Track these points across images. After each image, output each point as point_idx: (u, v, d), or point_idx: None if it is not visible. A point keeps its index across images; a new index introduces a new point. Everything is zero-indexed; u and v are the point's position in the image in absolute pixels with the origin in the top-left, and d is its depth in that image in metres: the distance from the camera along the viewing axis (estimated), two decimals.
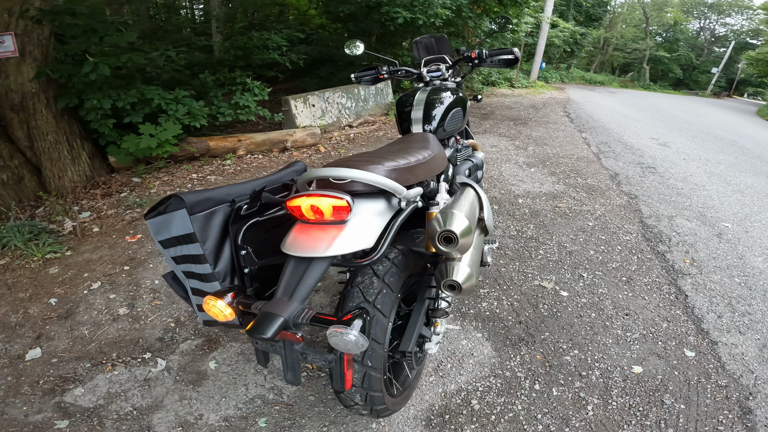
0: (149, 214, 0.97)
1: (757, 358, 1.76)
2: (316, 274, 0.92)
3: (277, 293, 0.91)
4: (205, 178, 3.72)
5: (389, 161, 1.05)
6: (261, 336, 0.81)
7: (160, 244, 0.99)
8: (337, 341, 0.84)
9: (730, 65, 25.60)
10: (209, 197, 0.97)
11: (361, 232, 0.95)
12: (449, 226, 0.96)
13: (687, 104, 14.35)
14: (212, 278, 0.99)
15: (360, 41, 2.10)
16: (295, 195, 0.94)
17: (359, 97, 5.74)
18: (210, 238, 0.98)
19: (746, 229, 3.10)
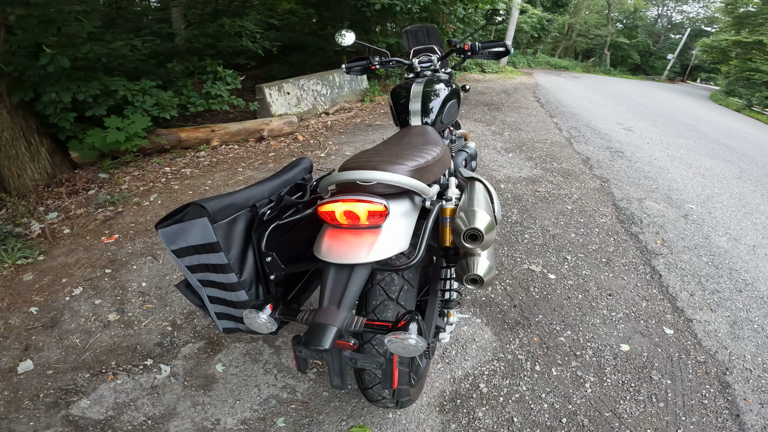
0: (162, 223, 0.93)
1: (729, 335, 1.93)
2: (360, 280, 0.93)
3: (322, 302, 0.91)
4: (179, 171, 3.57)
5: (410, 160, 1.06)
6: (318, 347, 0.81)
7: (174, 253, 0.96)
8: (397, 347, 0.86)
9: (684, 51, 27.13)
10: (230, 203, 0.95)
11: (397, 235, 0.97)
12: (474, 224, 0.99)
13: (645, 89, 15.13)
14: (238, 287, 0.98)
15: (350, 31, 2.07)
16: (328, 200, 0.93)
17: (334, 84, 5.64)
18: (234, 247, 0.96)
19: (709, 211, 3.36)
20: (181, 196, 3.08)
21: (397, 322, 0.88)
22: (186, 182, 3.36)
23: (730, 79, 17.45)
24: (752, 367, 1.73)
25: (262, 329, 0.92)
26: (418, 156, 1.11)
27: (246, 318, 0.92)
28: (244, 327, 1.08)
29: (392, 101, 1.87)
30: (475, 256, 1.09)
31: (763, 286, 2.33)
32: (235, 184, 3.37)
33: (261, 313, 0.91)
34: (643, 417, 1.46)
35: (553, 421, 1.42)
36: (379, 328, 0.90)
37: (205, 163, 3.82)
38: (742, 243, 2.84)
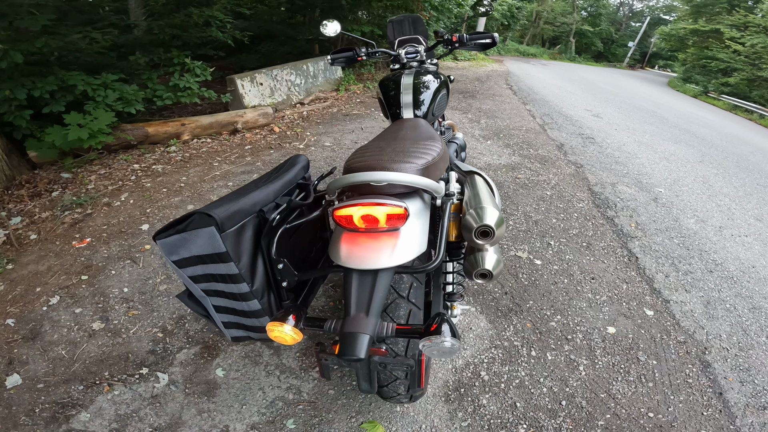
0: (162, 234, 0.88)
1: (705, 315, 2.07)
2: (385, 285, 0.92)
3: (349, 309, 0.90)
4: (150, 168, 3.40)
5: (417, 158, 1.06)
6: (354, 357, 0.81)
7: (175, 263, 0.91)
8: (432, 351, 0.87)
9: (644, 39, 28.34)
10: (238, 210, 0.91)
11: (415, 236, 0.96)
12: (485, 221, 1.01)
13: (608, 76, 15.73)
14: (250, 297, 0.95)
15: (334, 20, 2.02)
16: (345, 203, 0.91)
17: (308, 74, 5.51)
18: (244, 255, 0.92)
19: (677, 194, 3.57)
20: (154, 194, 2.94)
21: (429, 325, 0.89)
22: (159, 179, 3.21)
23: (687, 66, 18.42)
24: (728, 346, 1.87)
25: (287, 342, 0.91)
26: (424, 153, 1.11)
27: (269, 331, 0.90)
28: (256, 335, 1.06)
29: (382, 93, 1.86)
30: (483, 252, 1.11)
31: (731, 266, 2.52)
32: (212, 179, 3.25)
33: (286, 325, 0.89)
34: (636, 397, 1.55)
35: (553, 404, 1.49)
36: (412, 332, 0.90)
37: (177, 159, 3.66)
38: (709, 224, 3.05)
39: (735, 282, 2.35)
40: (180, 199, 2.90)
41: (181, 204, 2.83)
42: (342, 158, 3.75)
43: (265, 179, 1.16)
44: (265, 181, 1.13)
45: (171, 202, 2.86)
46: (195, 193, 2.99)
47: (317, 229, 1.39)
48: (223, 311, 1.01)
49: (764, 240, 2.92)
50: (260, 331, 1.04)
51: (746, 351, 1.83)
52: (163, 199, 2.88)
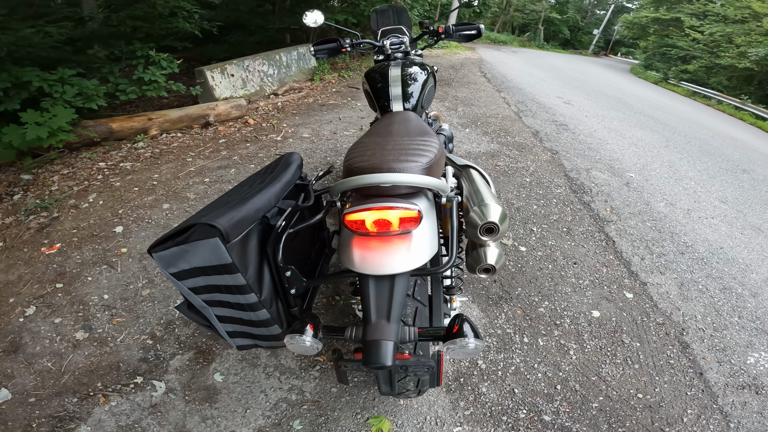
0: (158, 247, 0.82)
1: (680, 296, 2.20)
2: (403, 289, 0.92)
3: (368, 316, 0.89)
4: (117, 166, 3.23)
5: (419, 156, 1.05)
6: (381, 366, 0.80)
7: (173, 276, 0.86)
8: (456, 353, 0.88)
9: (608, 27, 29.28)
10: (241, 218, 0.87)
11: (427, 237, 0.95)
12: (490, 218, 1.02)
13: (575, 63, 16.17)
14: (259, 307, 0.92)
15: (314, 10, 1.96)
16: (357, 208, 0.89)
17: (281, 64, 5.36)
18: (251, 265, 0.89)
19: (646, 178, 3.75)
20: (125, 193, 2.80)
21: (451, 327, 0.90)
22: (128, 178, 3.06)
23: (648, 53, 19.22)
24: (704, 327, 1.99)
25: (307, 352, 0.89)
26: (424, 150, 1.10)
27: (288, 343, 0.88)
28: (264, 344, 1.04)
29: (369, 85, 1.83)
30: (485, 247, 1.13)
31: (701, 247, 2.68)
32: (187, 175, 3.13)
33: (305, 336, 0.87)
34: (624, 379, 1.64)
35: (549, 389, 1.56)
36: (434, 336, 0.91)
37: (146, 155, 3.49)
38: (678, 207, 3.23)
39: (705, 263, 2.51)
40: (154, 198, 2.78)
41: (156, 203, 2.71)
42: (322, 149, 3.69)
43: (260, 181, 1.11)
44: (260, 183, 1.08)
45: (144, 201, 2.74)
46: (170, 191, 2.88)
47: (315, 229, 1.37)
48: (228, 321, 0.97)
49: (729, 221, 3.13)
50: (269, 340, 1.02)
51: (721, 331, 1.96)
52: (135, 199, 2.75)
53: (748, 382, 1.68)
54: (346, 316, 1.81)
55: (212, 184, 3.02)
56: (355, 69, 6.74)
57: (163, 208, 2.67)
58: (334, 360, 0.97)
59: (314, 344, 0.89)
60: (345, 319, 1.80)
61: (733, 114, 10.60)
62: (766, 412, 1.54)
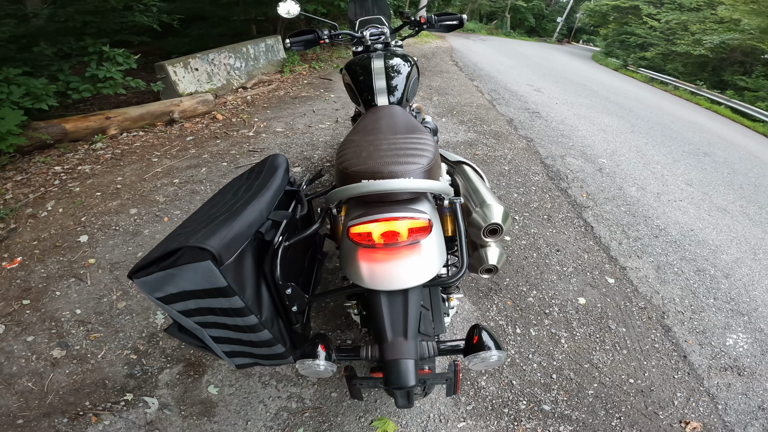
0: (140, 272, 0.73)
1: (657, 279, 2.29)
2: (417, 303, 0.88)
3: (383, 334, 0.85)
4: (75, 169, 3.01)
5: (418, 156, 1.00)
6: (405, 386, 0.77)
7: (160, 300, 0.78)
8: (479, 365, 0.86)
9: (571, 15, 30.05)
10: (234, 237, 0.79)
11: (436, 245, 0.91)
12: (494, 219, 1.00)
13: (541, 51, 16.53)
14: (260, 328, 0.86)
15: (293, 0, 1.86)
16: (363, 220, 0.84)
17: (249, 56, 5.15)
18: (248, 286, 0.82)
19: (617, 163, 3.89)
20: (87, 199, 2.62)
21: (470, 338, 0.87)
22: (89, 182, 2.86)
23: (609, 41, 19.94)
24: (683, 310, 2.08)
25: (322, 375, 0.85)
26: (421, 149, 1.06)
27: (301, 369, 0.83)
28: (267, 362, 0.98)
29: (350, 77, 1.77)
30: (487, 247, 1.11)
31: (673, 230, 2.81)
32: (154, 177, 2.96)
33: (318, 360, 0.82)
34: (615, 365, 1.70)
35: (545, 379, 1.59)
36: (454, 349, 0.88)
37: (106, 157, 3.28)
38: (648, 191, 3.37)
39: (678, 246, 2.63)
40: (119, 203, 2.61)
41: (122, 208, 2.55)
42: (298, 144, 3.59)
43: (245, 188, 1.03)
44: (246, 191, 1.00)
45: (109, 207, 2.57)
46: (136, 195, 2.71)
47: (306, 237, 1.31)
48: (225, 342, 0.91)
49: (696, 203, 3.30)
50: (273, 359, 0.96)
51: (699, 314, 2.06)
52: (98, 205, 2.57)
53: (729, 363, 1.78)
54: (338, 317, 1.77)
55: (183, 185, 2.87)
56: (326, 60, 6.59)
57: (131, 213, 2.52)
58: (347, 377, 0.93)
59: (329, 367, 0.84)
60: (337, 321, 1.76)
61: (690, 99, 11.21)
62: (751, 393, 1.64)
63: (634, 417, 1.47)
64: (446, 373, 0.96)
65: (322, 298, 0.99)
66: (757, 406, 1.57)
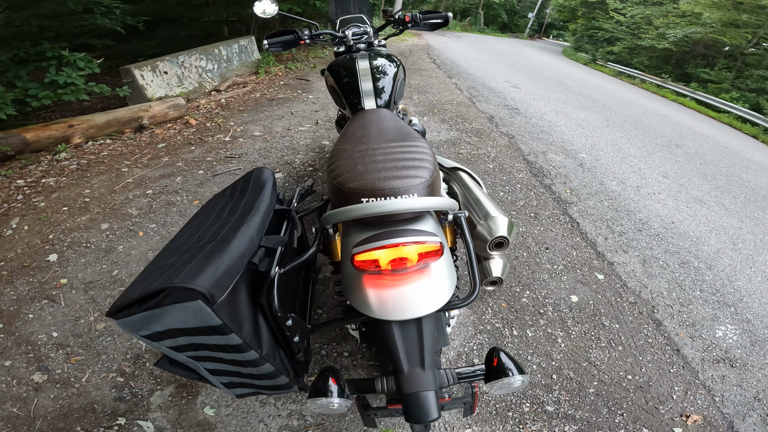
0: (120, 313, 0.67)
1: (644, 273, 2.35)
2: (432, 330, 0.85)
3: (399, 365, 0.81)
4: (39, 182, 2.84)
5: (419, 169, 0.96)
6: (428, 420, 0.74)
7: (146, 338, 0.71)
8: (502, 391, 0.83)
9: (541, 10, 30.76)
10: (225, 272, 0.71)
11: (446, 266, 0.88)
12: (501, 233, 0.98)
13: (515, 46, 16.85)
14: (261, 362, 0.81)
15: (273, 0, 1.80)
16: (368, 247, 0.79)
17: (221, 58, 5.01)
18: (245, 322, 0.77)
19: (597, 158, 3.99)
20: (54, 215, 2.47)
21: (489, 362, 0.85)
22: (54, 195, 2.70)
23: (577, 36, 20.53)
24: (671, 303, 2.14)
25: (336, 413, 0.80)
26: (419, 159, 1.01)
27: (314, 407, 0.80)
28: (269, 392, 0.93)
29: (334, 79, 1.72)
30: (491, 259, 1.10)
31: (655, 223, 2.90)
32: (125, 188, 2.82)
33: (332, 398, 0.78)
34: (612, 362, 1.73)
35: (546, 380, 1.60)
36: (475, 376, 0.86)
37: (71, 168, 3.10)
38: (628, 185, 3.47)
39: (661, 239, 2.72)
40: (89, 218, 2.48)
41: (92, 224, 2.42)
42: (277, 148, 3.50)
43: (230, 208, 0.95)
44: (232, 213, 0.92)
45: (77, 222, 2.43)
46: (106, 208, 2.58)
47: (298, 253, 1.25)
48: (223, 374, 0.85)
49: (674, 196, 3.43)
50: (275, 389, 0.91)
51: (687, 306, 2.13)
52: (66, 221, 2.43)
53: (721, 356, 1.84)
54: (332, 330, 1.73)
55: (157, 196, 2.75)
56: (302, 60, 6.48)
57: (102, 228, 2.39)
58: (359, 407, 0.89)
59: (343, 404, 0.80)
60: (332, 333, 1.72)
61: (656, 92, 11.66)
62: (745, 384, 1.70)
63: (636, 413, 1.51)
64: (464, 397, 0.93)
65: (326, 327, 0.94)
66: (752, 397, 1.63)
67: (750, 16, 12.06)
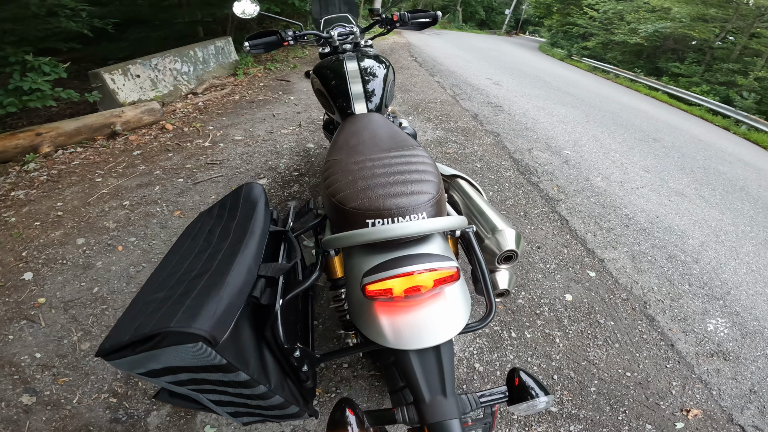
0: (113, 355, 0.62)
1: (634, 269, 2.40)
2: (451, 355, 0.84)
3: (420, 394, 0.79)
4: (8, 196, 2.69)
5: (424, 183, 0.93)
6: None
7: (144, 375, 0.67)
8: (527, 412, 0.82)
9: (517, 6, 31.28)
10: (226, 310, 0.67)
11: (460, 289, 0.86)
12: (508, 246, 0.96)
13: (493, 43, 17.08)
14: (270, 395, 0.78)
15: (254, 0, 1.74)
16: (381, 276, 0.75)
17: (197, 60, 4.88)
18: (251, 358, 0.74)
19: (581, 154, 4.07)
20: (26, 231, 2.35)
21: (511, 383, 0.84)
22: (25, 210, 2.56)
23: (553, 31, 20.96)
24: (662, 298, 2.20)
25: None
26: (421, 171, 0.98)
27: None
28: (277, 420, 0.89)
29: (321, 82, 1.68)
30: (497, 272, 1.09)
31: (641, 218, 2.98)
32: (100, 200, 2.71)
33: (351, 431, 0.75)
34: (610, 359, 1.76)
35: (547, 380, 1.61)
36: (498, 399, 0.84)
37: (41, 179, 2.96)
38: (612, 181, 3.55)
39: (648, 234, 2.79)
40: (63, 233, 2.36)
41: (67, 239, 2.31)
42: (260, 153, 3.43)
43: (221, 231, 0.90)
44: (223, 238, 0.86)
45: (51, 238, 2.31)
46: (81, 222, 2.46)
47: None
48: (229, 405, 0.81)
49: (656, 190, 3.53)
50: (284, 418, 0.87)
51: (677, 301, 2.19)
52: (39, 236, 2.31)
53: (714, 349, 1.90)
54: (329, 341, 1.71)
55: (134, 207, 2.65)
56: (281, 60, 6.37)
57: (78, 243, 2.28)
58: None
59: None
60: (329, 344, 1.69)
61: (630, 86, 12.02)
62: (740, 377, 1.76)
63: (638, 410, 1.54)
64: (485, 417, 0.92)
65: (335, 356, 0.90)
66: (748, 390, 1.69)
67: (717, 10, 12.57)
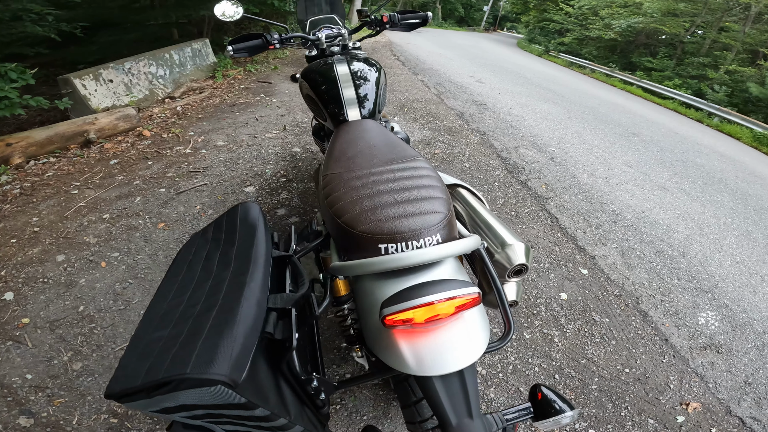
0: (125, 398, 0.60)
1: (624, 265, 2.46)
2: (475, 377, 0.83)
3: (446, 419, 0.79)
4: None
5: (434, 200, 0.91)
6: None
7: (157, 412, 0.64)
8: (554, 427, 0.82)
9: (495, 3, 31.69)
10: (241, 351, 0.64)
11: (479, 312, 0.86)
12: (519, 260, 0.97)
13: (473, 40, 17.26)
14: (290, 426, 0.76)
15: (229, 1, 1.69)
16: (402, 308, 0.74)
17: (173, 63, 4.75)
18: (270, 393, 0.72)
19: (565, 151, 4.16)
20: (2, 248, 2.24)
21: (534, 398, 0.84)
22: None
23: (530, 28, 21.33)
24: (653, 293, 2.26)
25: None
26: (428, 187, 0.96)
27: None
28: None
29: (311, 87, 1.64)
30: (506, 284, 1.09)
31: (627, 214, 3.06)
32: (78, 213, 2.61)
33: None
34: (608, 356, 1.80)
35: (549, 380, 1.65)
36: (521, 416, 0.85)
37: (14, 193, 2.83)
38: (598, 177, 3.64)
39: (635, 229, 2.87)
40: (41, 250, 2.27)
41: (46, 256, 2.21)
42: (245, 159, 3.37)
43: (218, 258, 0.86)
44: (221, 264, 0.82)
45: (29, 256, 2.22)
46: (60, 238, 2.37)
47: None
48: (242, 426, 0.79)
49: (640, 185, 3.64)
50: None
51: (668, 295, 2.26)
52: (16, 254, 2.21)
53: (707, 342, 1.97)
54: (330, 351, 1.70)
55: (115, 220, 2.56)
56: (261, 62, 6.27)
57: (58, 260, 2.20)
58: None
59: None
60: (330, 355, 1.68)
61: (606, 81, 12.35)
62: (734, 369, 1.83)
63: (639, 405, 1.58)
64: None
65: (352, 383, 0.90)
66: (743, 382, 1.76)
67: (687, 5, 13.04)
